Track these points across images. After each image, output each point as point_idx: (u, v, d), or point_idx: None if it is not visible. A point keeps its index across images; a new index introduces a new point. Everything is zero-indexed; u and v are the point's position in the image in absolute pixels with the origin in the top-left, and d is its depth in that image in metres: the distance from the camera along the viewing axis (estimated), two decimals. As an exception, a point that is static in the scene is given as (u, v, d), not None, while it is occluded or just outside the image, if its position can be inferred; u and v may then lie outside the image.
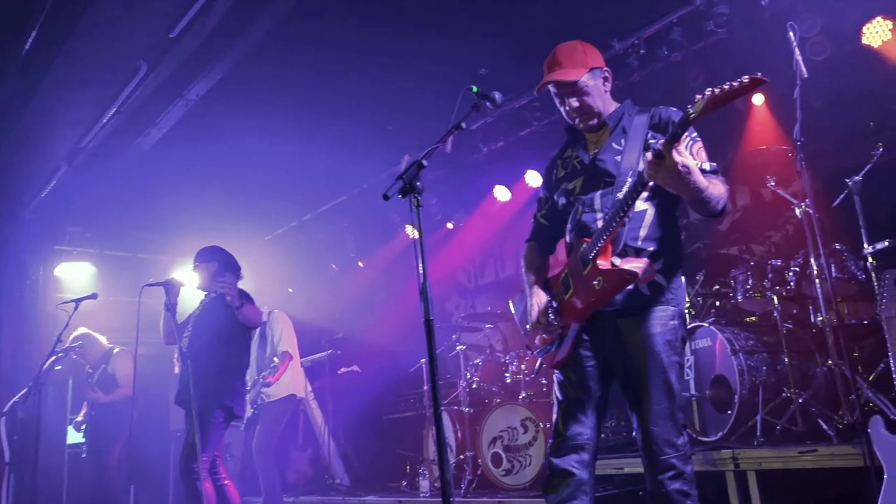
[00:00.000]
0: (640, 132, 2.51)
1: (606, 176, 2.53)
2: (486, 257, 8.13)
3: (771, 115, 5.37)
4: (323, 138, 6.46)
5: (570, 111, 2.61)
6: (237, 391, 4.59)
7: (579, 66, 2.56)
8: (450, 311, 8.42)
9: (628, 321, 2.42)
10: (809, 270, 4.10)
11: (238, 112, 5.85)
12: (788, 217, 5.19)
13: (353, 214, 8.37)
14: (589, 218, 2.55)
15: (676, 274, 2.50)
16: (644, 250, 2.45)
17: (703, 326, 4.56)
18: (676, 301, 2.46)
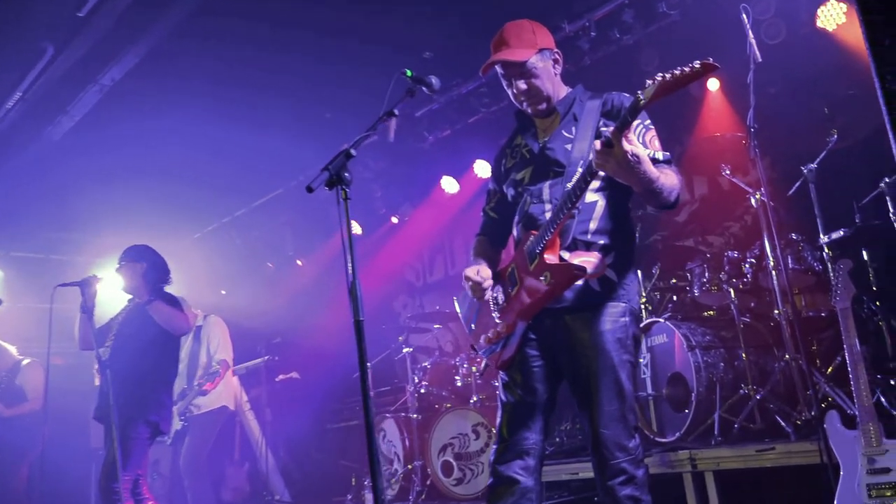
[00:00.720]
0: (591, 119, 2.52)
1: (556, 165, 2.54)
2: (434, 253, 8.13)
3: (726, 101, 5.50)
4: (257, 126, 6.35)
5: (517, 94, 2.60)
6: (164, 404, 4.48)
7: (528, 47, 2.56)
8: (397, 311, 8.39)
9: (577, 318, 2.43)
10: (766, 262, 4.21)
11: (161, 97, 5.69)
12: (747, 207, 5.32)
13: (291, 209, 8.28)
14: (537, 210, 2.55)
15: (629, 268, 2.52)
16: (594, 244, 2.46)
17: (660, 322, 4.64)
18: (628, 297, 2.48)
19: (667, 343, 4.61)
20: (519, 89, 2.58)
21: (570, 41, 5.50)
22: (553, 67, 2.62)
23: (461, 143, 6.75)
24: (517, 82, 2.57)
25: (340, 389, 7.44)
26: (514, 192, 2.67)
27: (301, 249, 8.69)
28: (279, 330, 8.29)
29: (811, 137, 4.73)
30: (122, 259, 4.62)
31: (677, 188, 2.41)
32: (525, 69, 2.55)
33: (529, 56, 2.54)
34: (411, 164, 7.19)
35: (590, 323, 2.41)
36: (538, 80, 2.57)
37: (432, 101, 6.52)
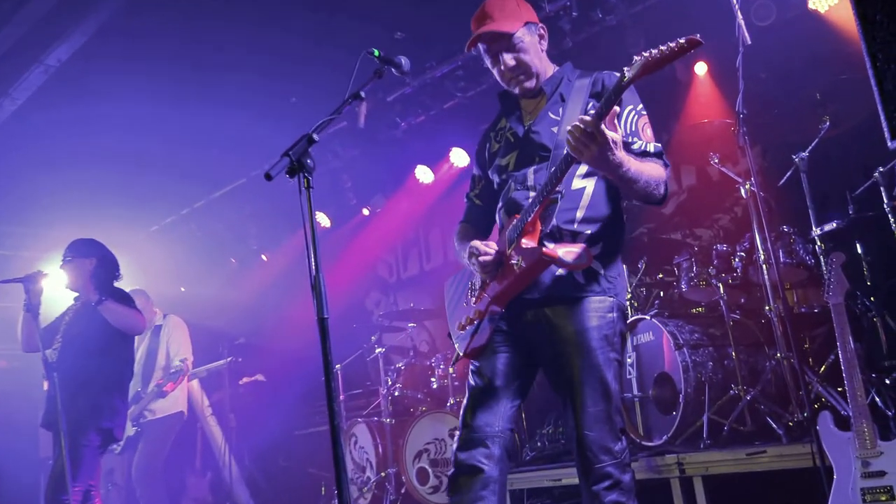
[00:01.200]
0: (579, 100, 2.51)
1: (541, 149, 2.53)
2: (408, 247, 8.11)
3: (714, 86, 5.53)
4: (218, 111, 6.27)
5: (505, 71, 2.59)
6: (117, 410, 4.40)
7: (513, 19, 2.55)
8: (369, 308, 8.35)
9: (559, 312, 2.42)
10: (756, 256, 4.24)
11: (113, 79, 5.59)
12: (736, 198, 5.35)
13: (255, 200, 8.21)
14: (520, 195, 2.55)
15: (616, 260, 2.52)
16: (581, 234, 2.45)
17: (646, 320, 4.66)
18: (615, 291, 2.47)
19: (653, 341, 4.63)
20: (507, 65, 2.57)
21: (551, 21, 5.49)
22: (540, 42, 2.62)
23: (436, 129, 6.72)
24: (504, 57, 2.56)
25: (309, 393, 7.40)
26: (499, 178, 2.67)
27: (266, 243, 8.62)
28: (243, 330, 8.22)
29: (803, 125, 4.77)
30: (68, 254, 4.53)
31: (663, 182, 2.42)
32: (512, 42, 2.54)
33: (516, 28, 2.54)
34: (383, 152, 7.15)
35: (574, 318, 2.40)
36: (526, 55, 2.57)
37: (405, 85, 6.48)
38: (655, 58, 2.05)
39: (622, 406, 3.81)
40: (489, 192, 2.76)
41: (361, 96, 2.38)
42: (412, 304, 6.55)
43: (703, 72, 5.58)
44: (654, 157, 2.45)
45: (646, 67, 2.08)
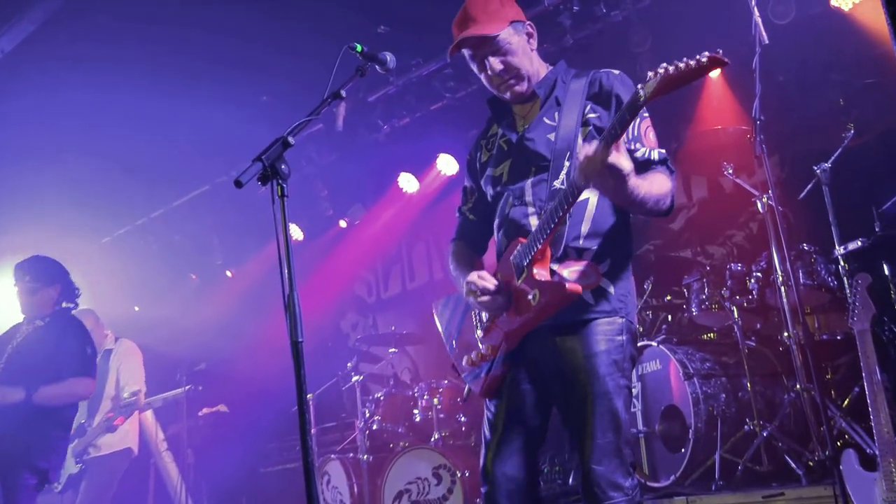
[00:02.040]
0: (576, 102, 2.56)
1: (538, 159, 2.57)
2: (390, 264, 8.10)
3: (728, 89, 5.59)
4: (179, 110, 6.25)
5: (493, 76, 2.63)
6: (54, 449, 4.39)
7: (497, 20, 2.59)
8: (345, 331, 8.33)
9: (567, 337, 2.47)
10: (773, 276, 4.27)
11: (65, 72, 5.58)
12: (752, 213, 5.40)
13: (220, 209, 8.19)
14: (518, 213, 2.58)
15: (626, 276, 2.56)
16: (587, 250, 2.50)
17: (652, 346, 4.68)
18: (626, 310, 2.51)
19: (660, 371, 4.64)
20: (494, 69, 2.61)
21: (550, 17, 5.54)
22: (528, 42, 2.67)
23: (422, 133, 6.73)
24: (491, 61, 2.60)
25: (277, 426, 7.34)
26: (493, 190, 2.71)
27: (231, 258, 8.59)
28: (204, 355, 8.15)
29: (825, 133, 4.83)
30: (32, 279, 4.51)
31: (669, 195, 2.45)
32: (498, 45, 2.58)
33: (501, 29, 2.58)
34: (363, 157, 7.15)
35: (582, 342, 2.45)
36: (514, 57, 2.61)
37: (388, 85, 6.50)
38: (673, 75, 2.07)
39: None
40: (483, 206, 2.79)
41: (342, 96, 2.39)
42: (393, 327, 6.53)
43: (715, 73, 5.64)
44: (658, 164, 2.49)
45: (663, 85, 2.10)
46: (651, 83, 2.11)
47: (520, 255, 2.51)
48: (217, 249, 8.64)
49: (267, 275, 8.14)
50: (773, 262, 4.22)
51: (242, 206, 7.95)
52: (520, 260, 2.51)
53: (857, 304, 3.36)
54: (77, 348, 4.47)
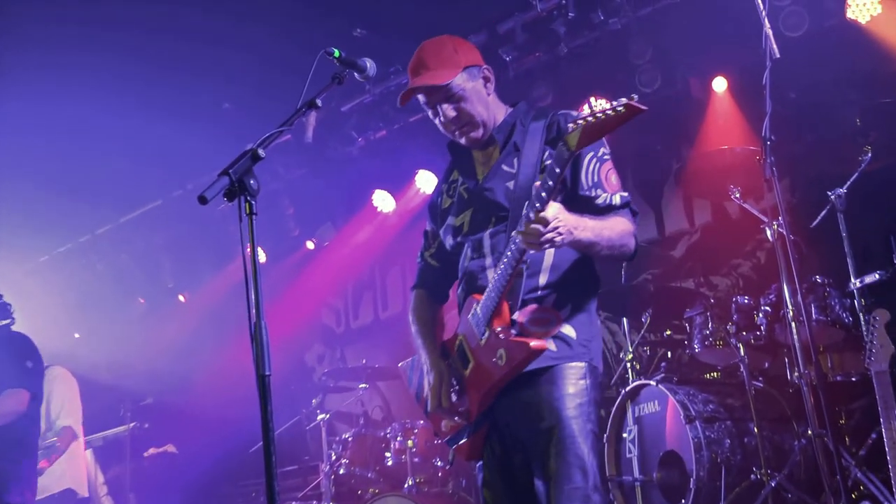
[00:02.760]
0: (534, 148, 2.71)
1: (497, 209, 2.72)
2: (361, 290, 8.07)
3: (736, 106, 5.64)
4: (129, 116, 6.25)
5: (446, 123, 2.79)
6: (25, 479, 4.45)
7: (450, 66, 2.75)
8: (310, 365, 8.28)
9: (531, 385, 2.61)
10: (783, 311, 4.30)
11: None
12: (760, 241, 5.45)
13: (172, 227, 8.16)
14: (476, 265, 2.75)
15: (589, 321, 2.71)
16: (546, 298, 2.65)
17: (650, 386, 4.69)
18: (589, 354, 2.67)
19: (658, 413, 4.65)
20: (447, 117, 2.76)
21: (543, 23, 5.58)
22: (485, 87, 2.82)
23: (400, 147, 6.75)
24: (444, 109, 2.75)
25: (232, 469, 7.28)
26: (453, 241, 2.87)
27: (184, 281, 8.54)
28: (151, 388, 8.08)
29: (840, 155, 4.88)
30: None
31: (632, 238, 2.64)
32: (450, 92, 2.74)
33: (452, 77, 2.73)
34: (335, 173, 7.15)
35: (545, 388, 2.59)
36: (468, 104, 2.76)
37: (364, 93, 6.52)
38: (595, 125, 2.25)
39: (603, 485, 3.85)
40: (444, 252, 2.95)
41: (317, 105, 2.40)
42: (364, 360, 6.50)
43: (722, 88, 5.70)
44: (620, 209, 2.65)
45: (588, 135, 2.27)
46: (573, 134, 2.28)
47: (479, 314, 2.65)
48: (168, 271, 8.58)
49: (224, 300, 8.09)
50: (784, 296, 4.24)
51: (198, 224, 7.92)
52: (479, 319, 2.65)
53: (875, 342, 3.38)
54: (11, 360, 4.49)
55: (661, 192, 6.17)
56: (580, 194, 2.65)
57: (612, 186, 2.68)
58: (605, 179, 2.68)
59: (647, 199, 6.23)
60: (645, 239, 6.13)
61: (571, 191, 2.66)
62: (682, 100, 5.79)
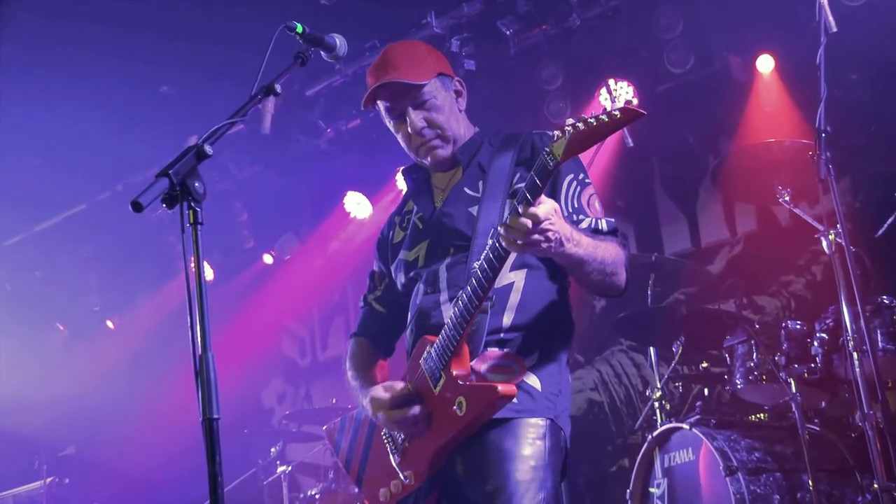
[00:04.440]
0: (503, 169, 2.80)
1: (456, 237, 2.80)
2: (331, 314, 8.11)
3: (785, 90, 5.68)
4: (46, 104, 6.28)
5: (412, 135, 2.85)
6: None
7: (422, 69, 2.85)
8: (268, 406, 8.31)
9: (480, 441, 2.66)
10: (843, 339, 4.31)
11: None
12: (815, 253, 5.46)
13: (98, 237, 8.19)
14: (429, 301, 2.80)
15: (558, 371, 2.78)
16: (510, 341, 2.71)
17: (683, 430, 4.70)
18: (555, 410, 2.73)
19: (693, 463, 4.67)
20: (414, 126, 2.82)
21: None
22: (457, 101, 2.94)
23: (378, 140, 6.75)
24: (412, 116, 2.83)
25: (170, 533, 7.26)
26: (405, 277, 2.94)
27: (113, 303, 8.56)
28: (73, 435, 8.06)
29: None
30: None
31: (622, 264, 2.67)
32: (422, 97, 2.83)
33: (428, 79, 2.83)
34: (298, 170, 7.16)
35: (495, 443, 2.65)
36: (440, 115, 2.85)
37: (333, 74, 6.55)
38: (584, 132, 2.28)
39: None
40: (393, 296, 3.04)
41: (276, 92, 2.42)
42: (334, 399, 6.52)
43: (768, 69, 5.73)
44: (608, 235, 2.71)
45: (575, 144, 2.29)
46: (559, 143, 2.32)
47: (433, 356, 2.69)
48: (94, 291, 8.61)
49: (162, 327, 8.08)
50: (843, 320, 4.26)
51: (130, 234, 7.92)
52: (433, 363, 2.69)
53: (953, 376, 3.41)
54: None
55: (695, 194, 6.22)
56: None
57: (596, 213, 2.75)
58: (588, 205, 2.75)
59: (678, 203, 6.27)
60: (676, 251, 6.18)
61: None
62: (719, 83, 5.83)
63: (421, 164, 2.93)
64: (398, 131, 2.89)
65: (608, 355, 6.40)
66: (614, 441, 6.29)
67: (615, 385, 6.34)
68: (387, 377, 2.98)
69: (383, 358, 3.08)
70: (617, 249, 2.67)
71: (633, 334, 5.51)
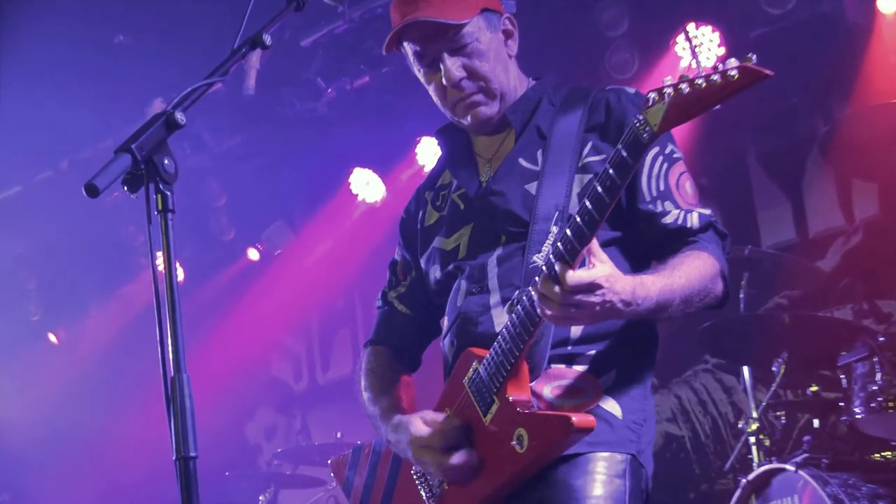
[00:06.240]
0: (569, 137, 2.79)
1: (509, 222, 2.80)
2: (333, 325, 8.17)
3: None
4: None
5: (449, 89, 2.84)
6: None
7: (463, 4, 2.82)
8: (254, 441, 8.37)
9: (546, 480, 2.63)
10: None
11: None
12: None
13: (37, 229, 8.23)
14: (475, 304, 2.80)
15: (640, 394, 2.77)
16: (580, 356, 2.70)
17: (787, 472, 4.71)
18: (637, 444, 2.72)
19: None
20: (451, 77, 2.81)
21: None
22: (506, 45, 2.92)
23: (393, 102, 6.79)
24: (448, 64, 2.81)
25: None
26: (442, 271, 2.94)
27: (57, 312, 8.63)
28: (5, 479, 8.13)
29: None
30: None
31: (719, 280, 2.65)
32: (461, 40, 2.80)
33: (469, 17, 2.81)
34: (291, 143, 7.20)
35: (560, 485, 2.62)
36: (484, 62, 2.83)
37: (335, 19, 6.56)
38: (690, 97, 2.20)
39: None
40: (422, 294, 3.06)
41: (265, 44, 2.42)
42: (339, 433, 6.56)
43: (891, 7, 5.70)
44: (700, 232, 2.67)
45: (676, 112, 2.22)
46: (656, 109, 2.24)
47: (482, 375, 2.67)
48: (32, 296, 8.67)
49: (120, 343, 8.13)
50: None
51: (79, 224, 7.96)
52: (483, 384, 2.67)
53: None
54: None
55: (800, 170, 6.20)
56: (639, 209, 2.69)
57: (688, 198, 2.72)
58: (677, 188, 2.72)
59: (779, 182, 6.25)
60: (776, 243, 6.15)
61: (628, 203, 2.69)
62: (830, 28, 5.81)
63: (458, 124, 2.90)
64: (430, 82, 2.88)
65: (689, 377, 6.41)
66: (698, 486, 6.29)
67: (699, 414, 6.33)
68: (413, 398, 2.97)
69: (408, 373, 3.06)
70: (706, 261, 2.63)
71: (721, 350, 5.50)
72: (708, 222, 2.70)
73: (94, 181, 2.07)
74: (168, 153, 2.18)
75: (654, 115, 2.23)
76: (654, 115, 2.23)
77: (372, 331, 3.13)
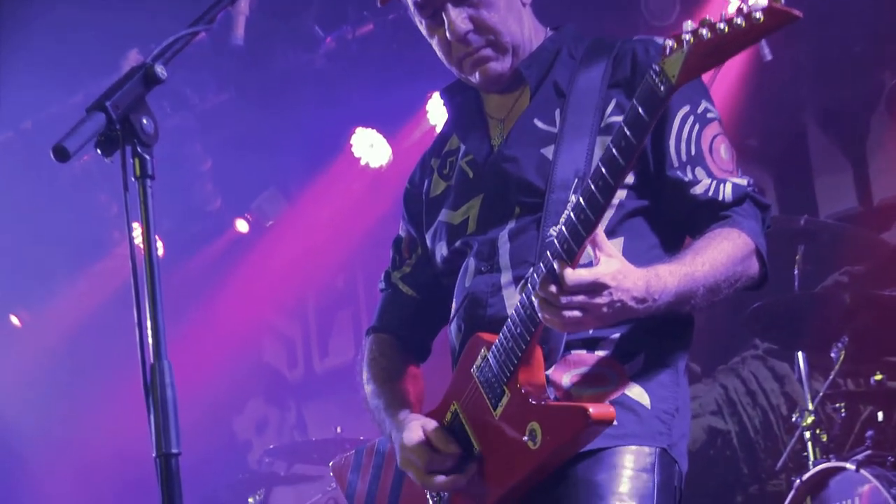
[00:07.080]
0: (591, 93, 2.80)
1: (523, 191, 2.81)
2: (332, 306, 8.22)
3: None
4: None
5: (454, 43, 2.84)
6: None
7: None
8: (243, 437, 8.44)
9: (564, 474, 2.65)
10: None
11: None
12: None
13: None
14: (484, 284, 2.82)
15: (672, 381, 2.78)
16: (603, 340, 2.71)
17: (847, 471, 4.72)
18: (669, 437, 2.73)
19: (860, 516, 4.70)
20: (456, 29, 2.81)
21: None
22: None
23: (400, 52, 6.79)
24: (452, 15, 2.81)
25: None
26: (449, 248, 2.97)
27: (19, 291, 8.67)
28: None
29: None
30: None
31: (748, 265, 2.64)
32: None
33: None
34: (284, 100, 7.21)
35: (580, 481, 2.64)
36: (493, 12, 2.83)
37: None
38: (711, 44, 2.17)
39: None
40: (429, 274, 3.10)
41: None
42: (339, 428, 6.58)
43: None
44: (734, 206, 2.66)
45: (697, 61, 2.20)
46: (674, 59, 2.22)
47: (490, 363, 2.69)
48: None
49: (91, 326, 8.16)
50: None
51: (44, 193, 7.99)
52: (492, 373, 2.69)
53: None
54: None
55: (864, 129, 6.19)
56: (667, 175, 2.68)
57: (723, 164, 2.70)
58: (710, 152, 2.71)
59: (839, 143, 6.24)
60: (837, 212, 6.14)
61: (655, 168, 2.68)
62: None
63: (466, 81, 2.89)
64: (433, 35, 2.87)
65: (737, 364, 6.43)
66: (746, 488, 6.33)
67: (748, 407, 6.35)
68: (422, 392, 2.98)
69: (415, 363, 3.08)
70: (734, 243, 2.60)
71: (772, 333, 5.51)
72: (743, 194, 2.67)
73: (64, 143, 2.07)
74: (147, 112, 2.18)
75: (672, 65, 2.22)
76: (672, 65, 2.22)
77: (375, 317, 3.14)
